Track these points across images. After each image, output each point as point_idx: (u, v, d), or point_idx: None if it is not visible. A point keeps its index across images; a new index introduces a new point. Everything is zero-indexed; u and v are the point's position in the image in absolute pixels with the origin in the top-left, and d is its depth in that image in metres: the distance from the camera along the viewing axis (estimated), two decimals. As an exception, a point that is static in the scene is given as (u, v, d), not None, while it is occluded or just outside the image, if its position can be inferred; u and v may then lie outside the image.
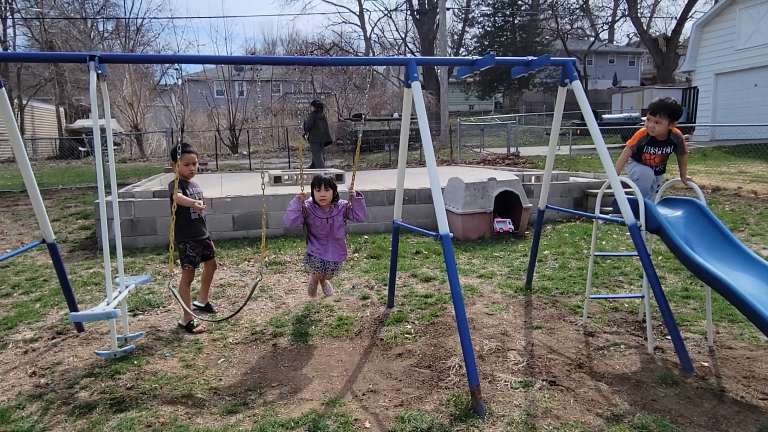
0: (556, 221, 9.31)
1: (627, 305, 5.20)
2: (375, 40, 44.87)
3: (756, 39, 19.60)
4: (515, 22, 43.13)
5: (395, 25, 73.30)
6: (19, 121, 26.86)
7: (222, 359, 4.24)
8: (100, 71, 3.74)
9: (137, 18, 37.42)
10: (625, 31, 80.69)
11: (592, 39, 49.20)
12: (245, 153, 22.91)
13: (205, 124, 28.04)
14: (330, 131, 14.97)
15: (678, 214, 4.39)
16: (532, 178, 10.22)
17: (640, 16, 39.24)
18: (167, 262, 7.10)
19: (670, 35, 36.74)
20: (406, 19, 43.51)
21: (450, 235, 3.52)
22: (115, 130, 23.75)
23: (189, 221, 4.84)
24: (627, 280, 5.99)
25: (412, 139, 15.15)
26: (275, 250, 7.54)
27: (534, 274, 5.92)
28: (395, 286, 5.42)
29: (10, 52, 27.26)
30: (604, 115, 24.21)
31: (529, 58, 4.52)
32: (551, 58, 4.42)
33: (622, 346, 4.24)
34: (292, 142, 23.60)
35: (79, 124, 27.40)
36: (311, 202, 4.56)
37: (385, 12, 52.34)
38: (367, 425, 3.19)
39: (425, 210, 9.04)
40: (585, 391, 3.55)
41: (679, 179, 4.68)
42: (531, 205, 8.41)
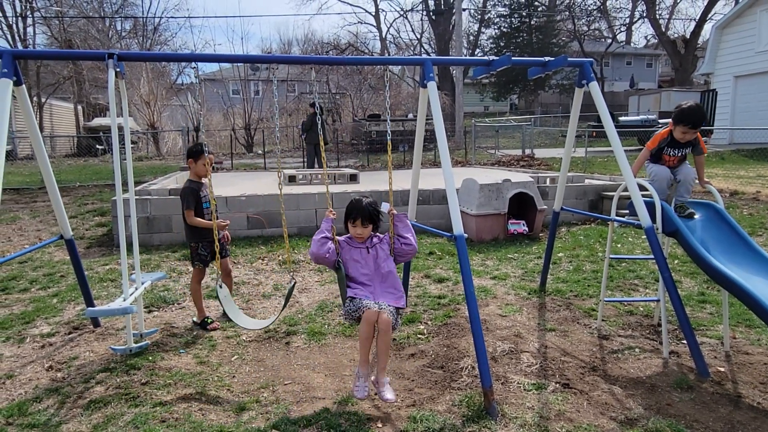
0: (570, 223, 9.26)
1: (642, 309, 5.15)
2: (390, 41, 44.95)
3: (777, 41, 19.35)
4: (531, 23, 42.90)
5: (411, 25, 73.09)
6: (38, 118, 27.24)
7: (235, 356, 4.27)
8: (118, 69, 3.79)
9: (155, 17, 37.75)
10: (642, 32, 79.90)
11: (610, 40, 48.83)
12: (260, 152, 23.03)
13: (220, 123, 28.26)
14: (326, 133, 14.99)
15: (696, 217, 4.35)
16: (547, 180, 10.18)
17: (658, 17, 38.91)
18: (182, 260, 7.17)
19: (688, 37, 36.39)
20: (421, 19, 43.58)
21: (464, 236, 3.51)
22: (132, 129, 23.98)
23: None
24: (642, 284, 5.94)
25: (426, 140, 15.18)
26: (289, 249, 7.56)
27: (548, 277, 5.89)
28: (408, 287, 5.42)
29: (30, 49, 27.70)
30: (620, 118, 24.00)
31: (546, 59, 4.50)
32: (569, 59, 4.40)
33: (637, 350, 4.21)
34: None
35: (96, 122, 27.69)
36: (345, 236, 3.66)
37: (401, 12, 52.36)
38: (379, 425, 3.19)
39: (439, 211, 9.03)
40: (599, 395, 3.52)
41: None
42: (546, 207, 8.36)
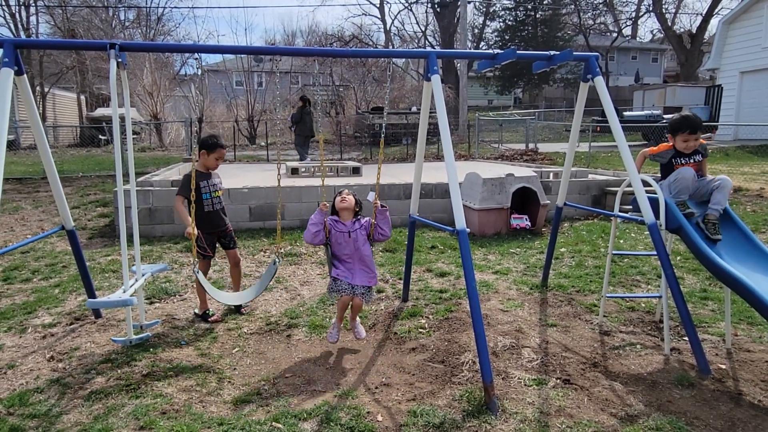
0: (573, 219, 9.23)
1: (644, 305, 5.14)
2: (395, 33, 44.81)
3: (784, 37, 19.24)
4: (537, 16, 42.74)
5: (415, 18, 73.01)
6: (40, 108, 27.24)
7: (236, 349, 4.27)
8: (120, 59, 3.77)
9: (158, 7, 37.71)
10: (648, 27, 79.68)
11: (615, 35, 48.57)
12: (263, 144, 23.00)
13: (223, 115, 28.16)
14: (315, 126, 14.87)
15: (695, 216, 4.32)
16: (551, 175, 10.15)
17: (664, 12, 38.68)
18: (184, 251, 7.17)
19: (694, 32, 36.19)
20: (426, 12, 43.40)
21: (467, 230, 3.50)
22: (135, 119, 23.96)
23: (202, 213, 4.84)
24: (644, 280, 5.92)
25: (429, 133, 15.10)
26: (291, 242, 7.57)
27: (550, 272, 5.88)
28: (410, 280, 5.42)
29: (32, 39, 27.66)
30: (625, 113, 23.87)
31: (552, 53, 4.47)
32: (574, 53, 4.37)
33: (638, 346, 4.20)
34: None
35: (99, 112, 27.67)
36: (333, 218, 4.16)
37: (406, 4, 51.98)
38: (379, 418, 3.19)
39: (442, 204, 9.01)
40: (599, 391, 3.52)
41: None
42: (549, 202, 8.34)
